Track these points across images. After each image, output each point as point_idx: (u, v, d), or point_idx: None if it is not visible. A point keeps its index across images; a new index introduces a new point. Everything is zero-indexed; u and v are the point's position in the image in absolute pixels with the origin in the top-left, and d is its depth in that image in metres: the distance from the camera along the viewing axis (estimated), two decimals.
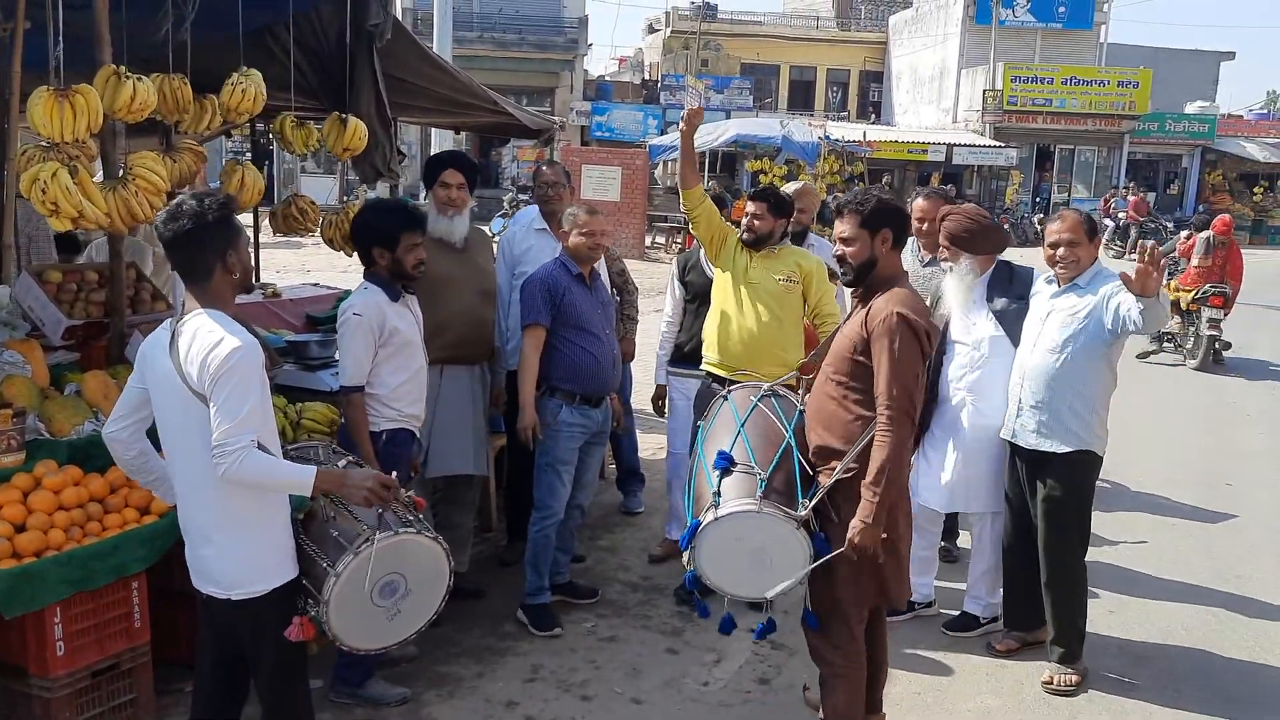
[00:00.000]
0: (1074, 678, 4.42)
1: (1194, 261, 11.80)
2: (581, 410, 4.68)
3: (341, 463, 3.25)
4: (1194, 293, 11.68)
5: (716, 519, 3.34)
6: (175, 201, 2.82)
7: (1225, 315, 11.55)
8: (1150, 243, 4.12)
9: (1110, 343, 4.29)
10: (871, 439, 3.36)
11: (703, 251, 5.42)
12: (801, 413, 3.69)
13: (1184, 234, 12.99)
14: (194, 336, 2.75)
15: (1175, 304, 11.66)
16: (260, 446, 2.72)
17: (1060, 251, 4.35)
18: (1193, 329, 11.91)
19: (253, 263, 3.03)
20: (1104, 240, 23.96)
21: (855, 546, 3.32)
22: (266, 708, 3.04)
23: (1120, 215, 26.27)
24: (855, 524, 3.32)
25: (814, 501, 3.38)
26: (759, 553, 3.38)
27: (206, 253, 2.80)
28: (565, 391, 4.65)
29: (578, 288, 4.68)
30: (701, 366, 5.06)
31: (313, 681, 3.40)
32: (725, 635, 3.78)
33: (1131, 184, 30.79)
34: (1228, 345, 11.89)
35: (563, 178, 5.61)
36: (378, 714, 4.01)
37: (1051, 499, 4.37)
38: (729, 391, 3.91)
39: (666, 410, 5.66)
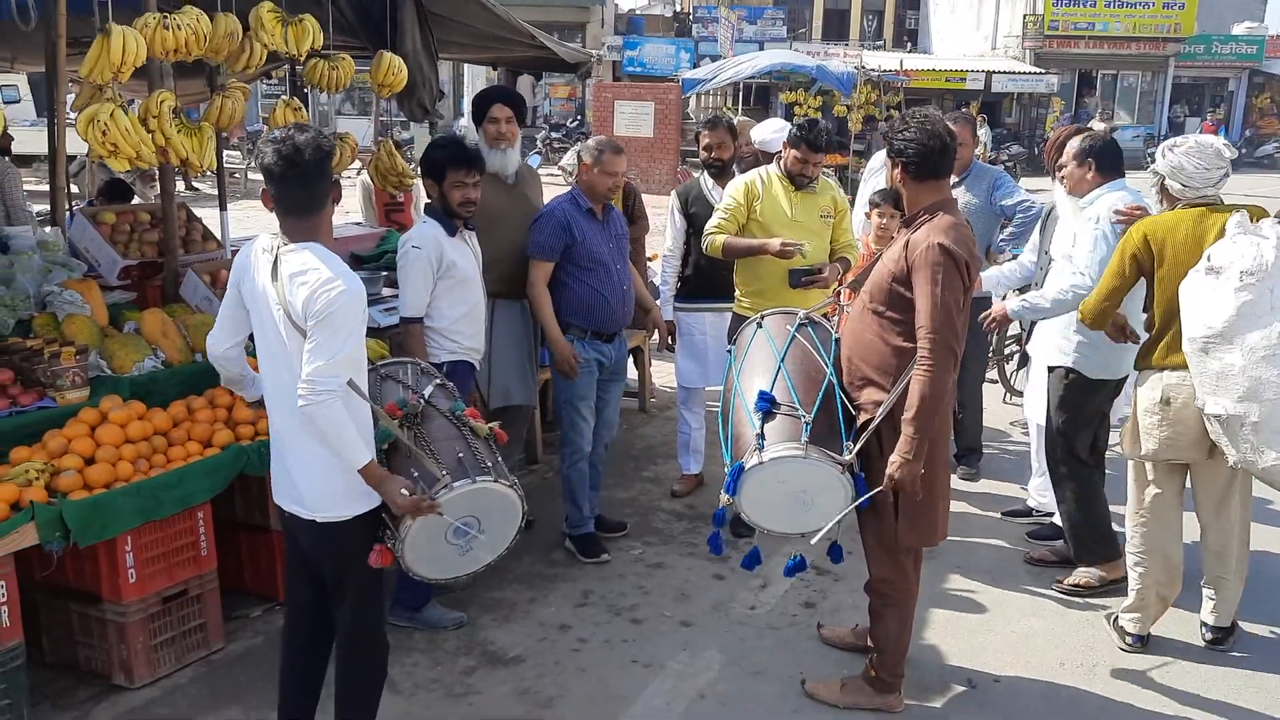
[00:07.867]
0: (1084, 579, 4.58)
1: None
2: (594, 344, 4.71)
3: (429, 386, 3.32)
4: None
5: (760, 463, 3.34)
6: (288, 136, 2.78)
7: None
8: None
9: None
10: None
11: (706, 181, 5.43)
12: (838, 341, 3.66)
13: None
14: (302, 270, 2.76)
15: None
16: (350, 382, 2.78)
17: (1061, 172, 4.57)
18: None
19: None
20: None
21: (895, 482, 3.32)
22: (345, 632, 3.10)
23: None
24: (895, 459, 3.30)
25: (859, 445, 3.39)
26: (801, 494, 3.40)
27: (325, 184, 2.84)
28: (577, 327, 4.67)
29: (589, 224, 4.65)
30: (737, 311, 4.98)
31: None
32: (749, 571, 3.83)
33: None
34: None
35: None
36: (436, 637, 4.14)
37: (1047, 410, 4.64)
38: (763, 318, 3.84)
39: (676, 345, 5.60)
